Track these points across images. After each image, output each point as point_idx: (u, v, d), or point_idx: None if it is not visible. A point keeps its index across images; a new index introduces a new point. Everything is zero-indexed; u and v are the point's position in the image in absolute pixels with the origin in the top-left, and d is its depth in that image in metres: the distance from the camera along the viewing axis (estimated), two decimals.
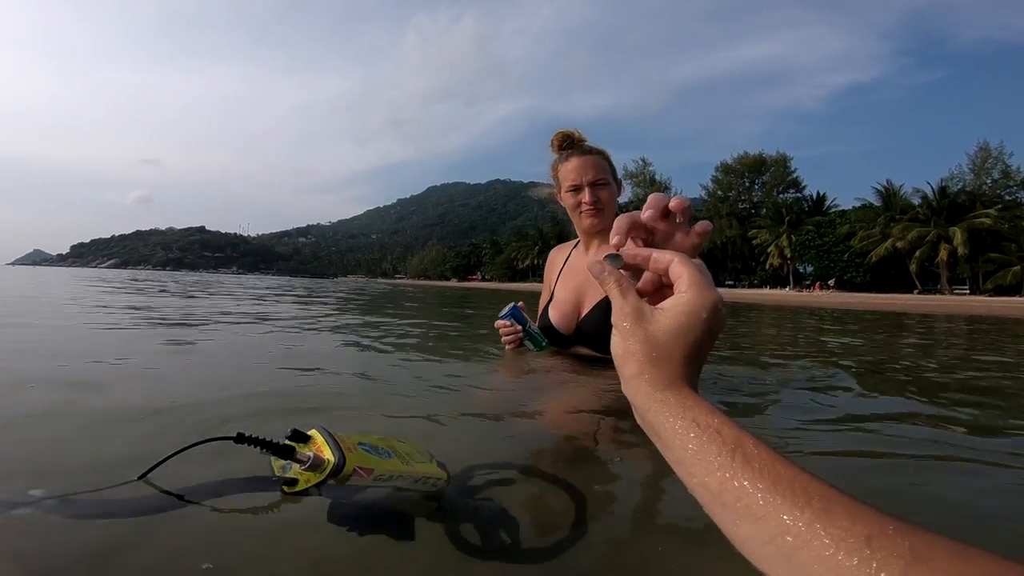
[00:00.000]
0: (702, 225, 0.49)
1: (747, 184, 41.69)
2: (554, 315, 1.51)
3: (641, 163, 45.43)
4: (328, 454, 0.49)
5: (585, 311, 1.45)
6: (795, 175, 39.34)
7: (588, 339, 1.45)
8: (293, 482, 0.50)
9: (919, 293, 26.32)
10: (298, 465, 0.50)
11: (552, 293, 1.58)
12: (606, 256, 0.45)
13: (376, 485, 0.52)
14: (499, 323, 1.53)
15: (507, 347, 1.56)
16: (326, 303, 5.25)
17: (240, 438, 0.51)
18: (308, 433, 0.52)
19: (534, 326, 1.51)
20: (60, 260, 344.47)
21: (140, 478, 0.58)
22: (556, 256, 1.69)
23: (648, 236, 0.49)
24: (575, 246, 1.64)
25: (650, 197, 0.49)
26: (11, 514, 0.51)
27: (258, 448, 0.51)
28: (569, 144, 1.51)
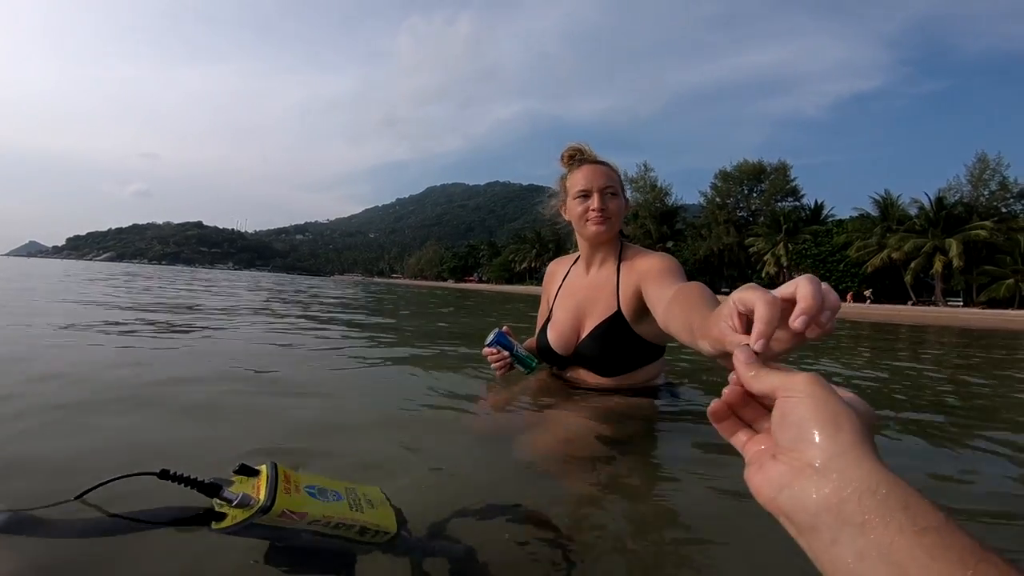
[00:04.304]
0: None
1: (745, 192, 41.78)
2: (552, 336, 1.47)
3: (642, 168, 45.49)
4: (262, 493, 0.48)
5: (585, 333, 1.41)
6: (794, 183, 39.44)
7: (587, 361, 1.42)
8: (221, 517, 0.50)
9: (913, 304, 26.42)
10: (226, 502, 0.49)
11: (550, 312, 1.54)
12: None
13: (312, 530, 0.50)
14: (486, 351, 1.49)
15: (497, 374, 1.53)
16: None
17: (164, 474, 0.51)
18: (257, 468, 0.52)
19: (521, 349, 1.48)
20: (55, 252, 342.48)
21: (77, 498, 0.58)
22: (556, 269, 1.65)
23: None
24: (575, 261, 1.58)
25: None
26: None
27: (183, 485, 0.50)
28: (580, 159, 1.47)
